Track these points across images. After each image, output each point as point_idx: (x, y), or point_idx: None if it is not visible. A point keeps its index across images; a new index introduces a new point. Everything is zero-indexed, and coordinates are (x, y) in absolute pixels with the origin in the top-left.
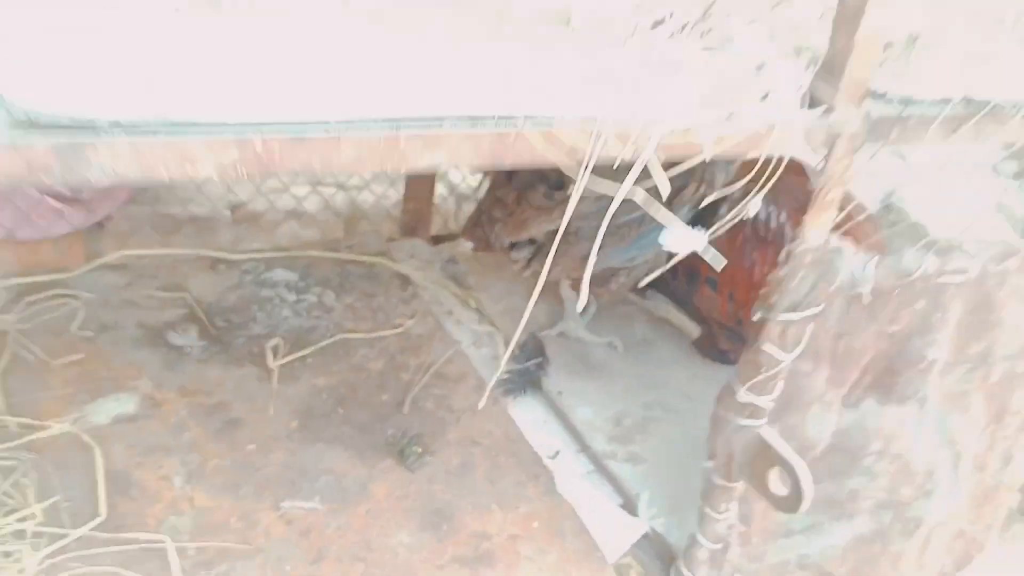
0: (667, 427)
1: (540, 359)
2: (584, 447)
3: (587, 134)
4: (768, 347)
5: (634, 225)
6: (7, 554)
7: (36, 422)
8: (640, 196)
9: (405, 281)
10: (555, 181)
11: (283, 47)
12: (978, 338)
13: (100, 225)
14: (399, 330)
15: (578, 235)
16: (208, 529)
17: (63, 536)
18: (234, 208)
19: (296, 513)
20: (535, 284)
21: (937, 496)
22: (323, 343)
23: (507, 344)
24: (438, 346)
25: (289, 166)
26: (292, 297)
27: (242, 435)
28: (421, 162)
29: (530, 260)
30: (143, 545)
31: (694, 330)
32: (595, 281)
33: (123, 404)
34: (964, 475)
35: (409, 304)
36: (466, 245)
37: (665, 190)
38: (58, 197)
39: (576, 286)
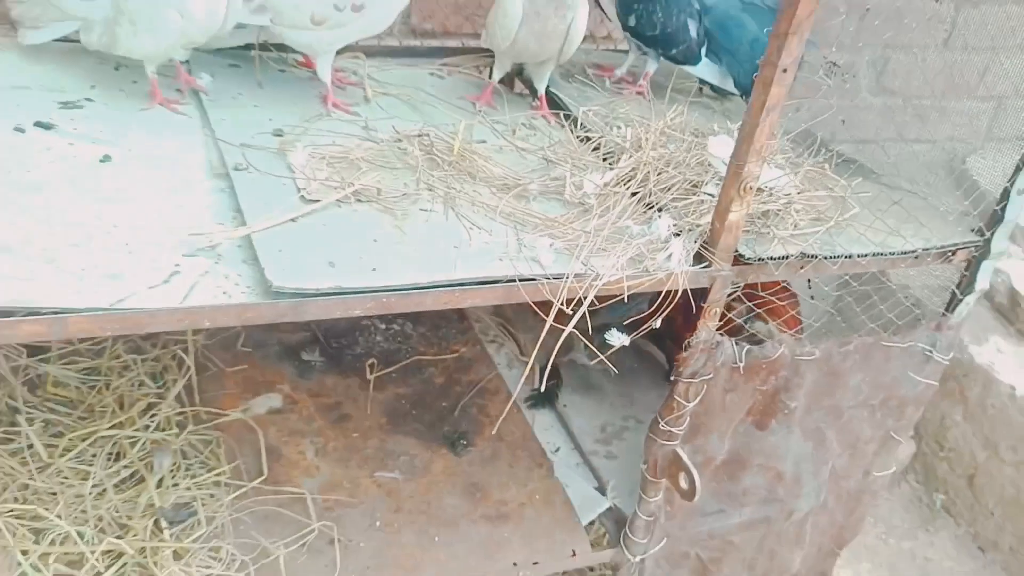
0: (636, 435)
1: (555, 380)
2: (576, 446)
3: (554, 288)
4: (678, 398)
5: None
6: (211, 495)
7: (219, 411)
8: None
9: (462, 316)
10: None
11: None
12: (829, 394)
13: None
14: (455, 355)
15: None
16: (329, 488)
17: (243, 486)
18: None
19: (384, 480)
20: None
21: (804, 496)
22: (403, 362)
23: (535, 368)
24: (482, 367)
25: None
26: (383, 327)
27: (349, 426)
28: (470, 302)
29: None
30: (291, 495)
31: (665, 363)
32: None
33: (272, 401)
34: (826, 483)
35: (464, 335)
36: None
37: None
38: None
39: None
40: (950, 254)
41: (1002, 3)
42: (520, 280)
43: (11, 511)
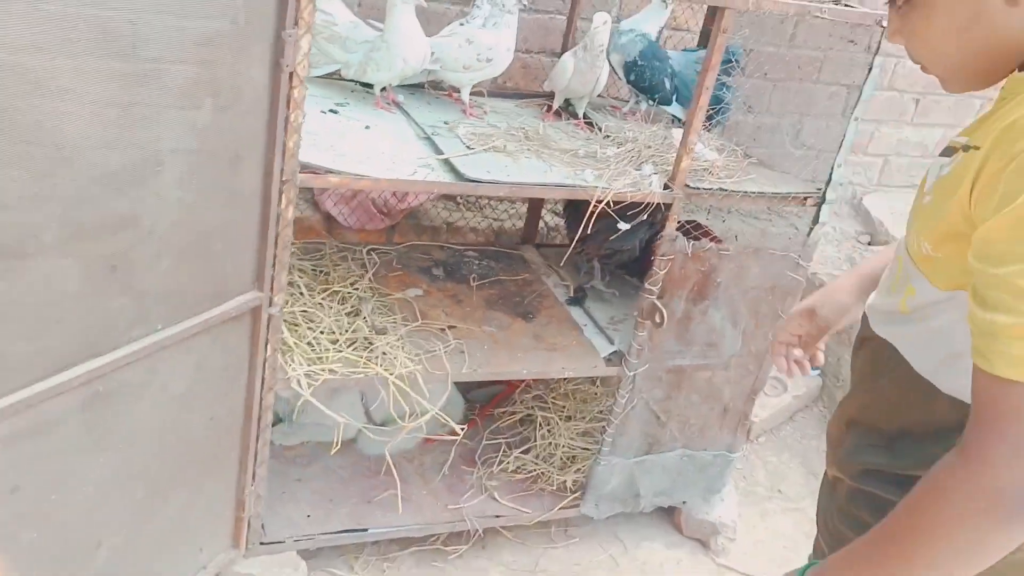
0: (629, 323)
1: (583, 294)
2: (596, 324)
3: (592, 191)
4: (655, 269)
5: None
6: (394, 324)
7: (390, 292)
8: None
9: (524, 259)
10: None
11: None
12: (738, 280)
13: (392, 227)
14: (522, 277)
15: (598, 239)
16: (455, 331)
17: (410, 323)
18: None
19: (486, 330)
20: (587, 262)
21: (728, 346)
22: (491, 278)
23: (572, 290)
24: (538, 284)
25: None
26: (477, 260)
27: (463, 305)
28: (554, 195)
29: (580, 250)
30: (437, 330)
31: None
32: (605, 257)
33: (416, 291)
34: (740, 340)
35: (526, 267)
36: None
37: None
38: (378, 208)
39: (599, 261)
40: (803, 199)
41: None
42: (576, 186)
43: (293, 313)
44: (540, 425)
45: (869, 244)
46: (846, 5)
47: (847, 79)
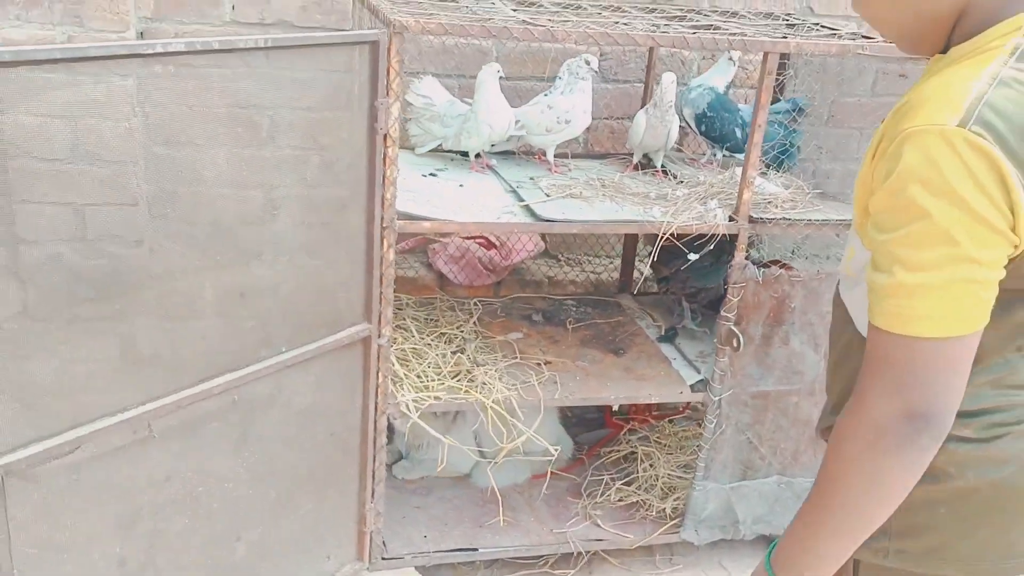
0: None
1: (674, 332)
2: (685, 358)
3: (660, 224)
4: (729, 298)
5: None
6: (493, 359)
7: (492, 335)
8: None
9: (618, 304)
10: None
11: None
12: (813, 304)
13: (498, 283)
14: (616, 320)
15: (680, 277)
16: (551, 365)
17: (508, 360)
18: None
19: (580, 364)
20: (677, 304)
21: (808, 368)
22: (586, 321)
23: (663, 330)
24: (631, 325)
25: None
26: (574, 308)
27: (560, 345)
28: (626, 230)
29: (666, 290)
30: (534, 366)
31: None
32: (691, 297)
33: (517, 334)
34: (820, 363)
35: (620, 311)
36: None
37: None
38: (484, 266)
39: (686, 300)
40: None
41: None
42: (644, 222)
43: (404, 350)
44: (642, 459)
45: None
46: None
47: None
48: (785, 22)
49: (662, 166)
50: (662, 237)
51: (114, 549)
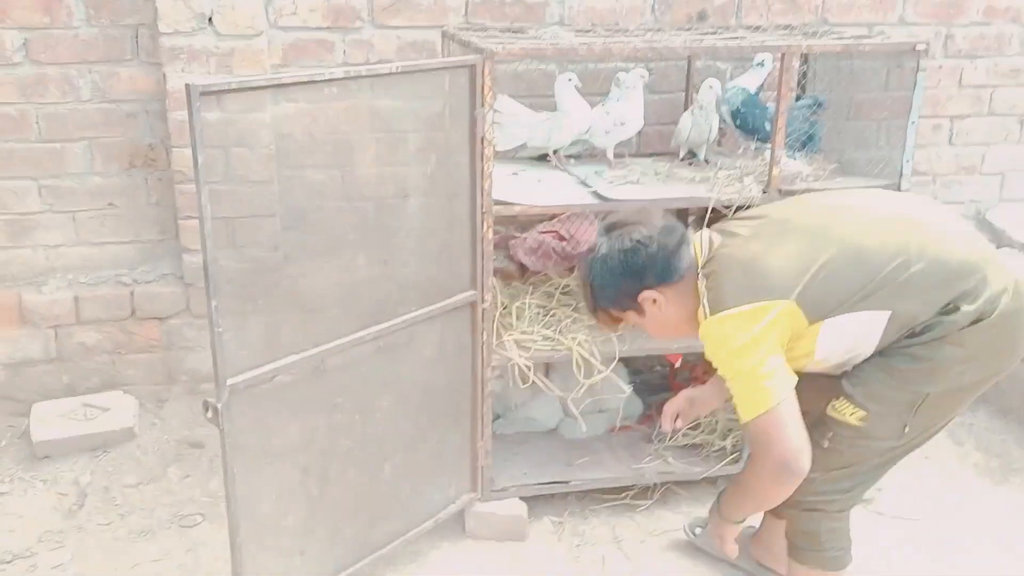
0: None
1: None
2: None
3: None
4: None
5: None
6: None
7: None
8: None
9: None
10: None
11: None
12: None
13: (571, 268)
14: None
15: None
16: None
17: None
18: None
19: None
20: None
21: None
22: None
23: None
24: None
25: None
26: None
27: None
28: (677, 205)
29: None
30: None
31: None
32: None
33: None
34: None
35: None
36: None
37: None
38: (558, 254)
39: None
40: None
41: None
42: (692, 198)
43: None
44: None
45: (997, 248)
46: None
47: (947, 112)
48: (802, 31)
49: (704, 158)
50: (710, 210)
51: (299, 459)
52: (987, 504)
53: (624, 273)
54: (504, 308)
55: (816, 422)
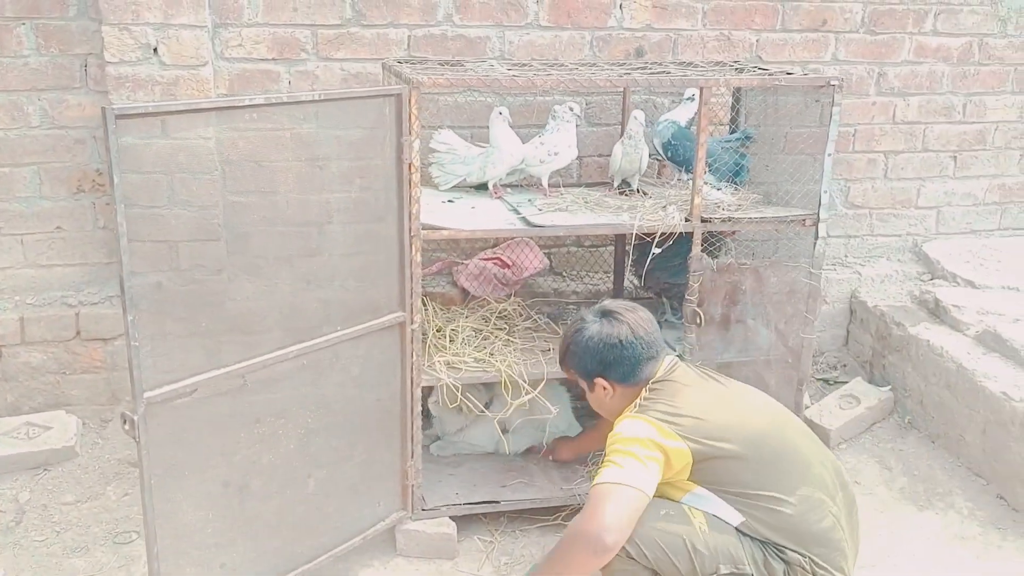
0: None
1: (659, 324)
2: (665, 342)
3: (630, 225)
4: (691, 284)
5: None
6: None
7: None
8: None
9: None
10: None
11: None
12: (759, 288)
13: (512, 295)
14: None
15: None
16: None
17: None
18: None
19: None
20: (658, 300)
21: (762, 343)
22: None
23: None
24: None
25: None
26: (573, 311)
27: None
28: (582, 232)
29: (646, 287)
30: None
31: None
32: (667, 292)
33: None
34: (774, 338)
35: None
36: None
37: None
38: (500, 281)
39: (665, 297)
40: (803, 220)
41: None
42: (615, 224)
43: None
44: None
45: (932, 279)
46: (805, 74)
47: (881, 147)
48: (733, 67)
49: (638, 187)
50: (635, 237)
51: (220, 472)
52: (909, 528)
53: (595, 357)
54: (439, 330)
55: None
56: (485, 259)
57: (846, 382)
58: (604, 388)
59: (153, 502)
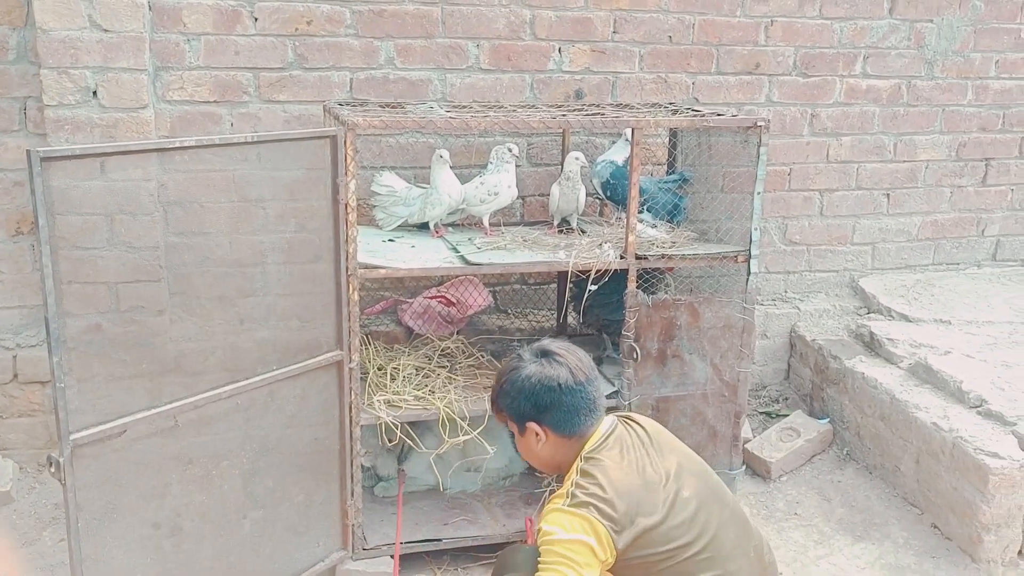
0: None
1: (600, 362)
2: (606, 377)
3: (566, 263)
4: (627, 319)
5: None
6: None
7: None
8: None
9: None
10: None
11: None
12: (695, 323)
13: (457, 332)
14: None
15: (593, 312)
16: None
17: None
18: None
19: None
20: (598, 336)
21: (699, 378)
22: None
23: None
24: None
25: None
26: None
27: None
28: (540, 268)
29: (586, 324)
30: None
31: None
32: (606, 329)
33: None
34: (711, 372)
35: None
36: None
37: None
38: (444, 319)
39: (604, 333)
40: (735, 257)
41: None
42: (551, 262)
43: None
44: None
45: (868, 313)
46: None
47: (816, 186)
48: (668, 108)
49: (578, 226)
50: (571, 275)
51: (149, 514)
52: (847, 559)
53: (530, 399)
54: (380, 369)
55: None
56: (429, 297)
57: (788, 415)
58: (536, 434)
59: (80, 546)
